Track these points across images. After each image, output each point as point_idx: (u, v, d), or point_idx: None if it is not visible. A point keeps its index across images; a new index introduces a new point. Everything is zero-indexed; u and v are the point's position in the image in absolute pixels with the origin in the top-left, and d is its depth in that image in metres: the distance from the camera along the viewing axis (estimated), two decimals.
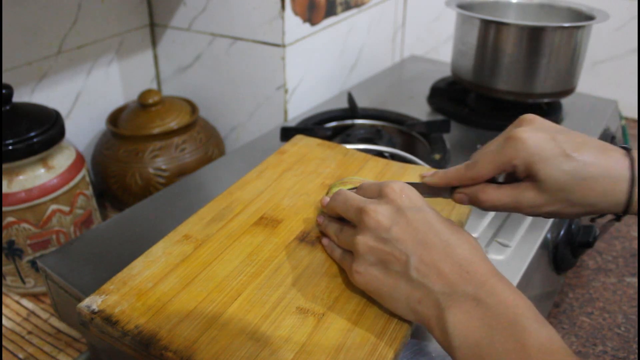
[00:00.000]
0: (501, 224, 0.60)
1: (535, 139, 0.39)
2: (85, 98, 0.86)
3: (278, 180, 0.56)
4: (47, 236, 0.65)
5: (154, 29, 0.93)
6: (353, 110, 0.82)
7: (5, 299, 0.68)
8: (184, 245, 0.46)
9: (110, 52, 0.87)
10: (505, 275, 0.37)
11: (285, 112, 0.86)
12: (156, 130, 0.80)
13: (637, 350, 0.68)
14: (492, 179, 0.42)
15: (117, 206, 0.85)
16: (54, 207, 0.65)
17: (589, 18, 0.80)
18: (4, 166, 0.62)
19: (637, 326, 0.72)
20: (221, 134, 0.94)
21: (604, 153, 0.38)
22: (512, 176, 0.41)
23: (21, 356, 0.60)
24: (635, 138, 1.21)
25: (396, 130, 0.80)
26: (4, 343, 0.62)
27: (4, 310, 0.66)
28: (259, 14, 0.80)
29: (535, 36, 0.76)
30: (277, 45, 0.81)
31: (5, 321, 0.65)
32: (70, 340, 0.62)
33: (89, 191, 0.71)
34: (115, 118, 0.84)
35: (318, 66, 0.91)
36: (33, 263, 0.66)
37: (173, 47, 0.93)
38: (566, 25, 0.76)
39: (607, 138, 0.83)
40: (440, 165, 0.68)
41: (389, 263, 0.38)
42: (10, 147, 0.60)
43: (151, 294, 0.41)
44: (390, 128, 0.80)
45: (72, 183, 0.66)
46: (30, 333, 0.63)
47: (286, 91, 0.85)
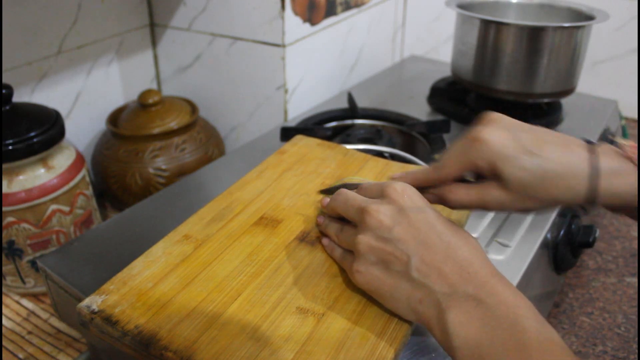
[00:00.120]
0: (501, 224, 0.60)
1: (497, 139, 0.39)
2: (85, 98, 0.86)
3: (278, 180, 0.56)
4: (47, 236, 0.65)
5: (154, 29, 0.93)
6: (353, 110, 0.82)
7: (5, 299, 0.68)
8: (184, 245, 0.46)
9: (110, 52, 0.87)
10: (505, 275, 0.37)
11: (285, 112, 0.86)
12: (156, 130, 0.80)
13: (637, 350, 0.68)
14: (462, 178, 0.43)
15: (117, 206, 0.85)
16: (54, 207, 0.65)
17: (589, 18, 0.80)
18: (4, 166, 0.62)
19: (637, 326, 0.72)
20: (221, 134, 0.94)
21: (566, 148, 0.39)
22: (481, 175, 0.42)
23: (21, 356, 0.60)
24: (635, 138, 1.21)
25: (396, 130, 0.80)
26: (4, 343, 0.62)
27: (4, 310, 0.66)
28: (259, 14, 0.80)
29: (535, 36, 0.76)
30: (277, 45, 0.81)
31: (5, 321, 0.65)
32: (70, 340, 0.62)
33: (89, 191, 0.71)
34: (115, 118, 0.84)
35: (318, 66, 0.91)
36: (33, 263, 0.66)
37: (173, 47, 0.93)
38: (566, 25, 0.76)
39: (607, 138, 0.83)
40: None
41: (390, 263, 0.38)
42: (10, 147, 0.60)
43: (151, 294, 0.41)
44: (390, 128, 0.80)
45: (72, 183, 0.66)
46: (30, 333, 0.63)
47: (286, 91, 0.85)
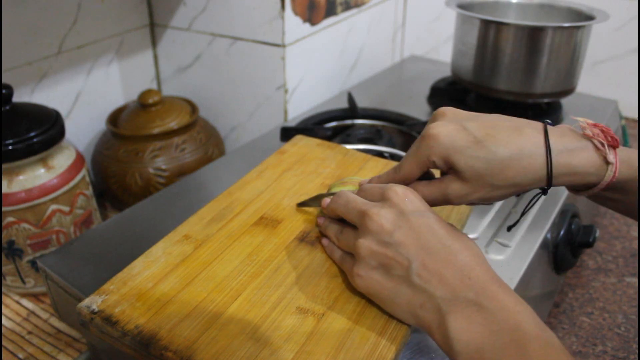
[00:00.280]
0: (501, 224, 0.60)
1: (445, 132, 0.40)
2: (85, 98, 0.86)
3: (278, 180, 0.56)
4: (47, 236, 0.65)
5: (154, 29, 0.93)
6: (353, 110, 0.82)
7: (5, 299, 0.68)
8: (184, 245, 0.46)
9: (110, 52, 0.87)
10: (505, 275, 0.37)
11: (285, 112, 0.86)
12: (156, 130, 0.80)
13: (637, 350, 0.68)
14: (427, 176, 0.43)
15: (117, 206, 0.85)
16: (54, 207, 0.65)
17: (589, 18, 0.80)
18: (4, 166, 0.62)
19: (637, 326, 0.72)
20: (221, 134, 0.94)
21: (517, 132, 0.39)
22: (441, 170, 0.42)
23: (21, 356, 0.60)
24: (635, 138, 1.21)
25: (396, 130, 0.80)
26: (4, 343, 0.62)
27: (4, 310, 0.66)
28: (259, 14, 0.80)
29: (535, 36, 0.76)
30: (277, 45, 0.81)
31: (5, 321, 0.65)
32: (70, 340, 0.62)
33: (89, 191, 0.71)
34: (115, 118, 0.84)
35: (318, 66, 0.91)
36: (33, 263, 0.66)
37: (173, 47, 0.93)
38: (566, 25, 0.76)
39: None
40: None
41: (391, 267, 0.38)
42: (10, 147, 0.60)
43: (151, 294, 0.41)
44: (390, 128, 0.80)
45: (72, 183, 0.66)
46: (30, 333, 0.63)
47: (286, 91, 0.85)
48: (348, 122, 0.81)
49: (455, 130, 0.40)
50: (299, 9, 0.81)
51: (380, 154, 0.67)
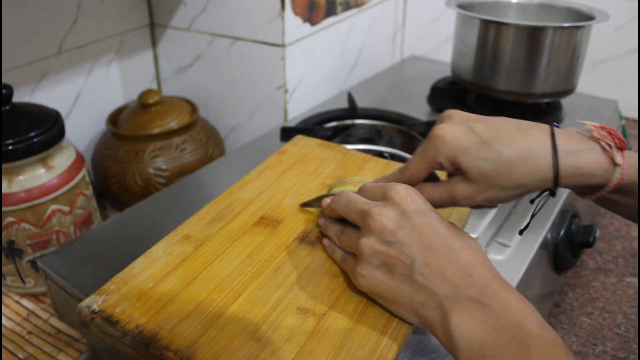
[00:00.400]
0: (501, 224, 0.60)
1: (452, 134, 0.40)
2: (85, 98, 0.86)
3: (278, 180, 0.56)
4: (47, 236, 0.65)
5: (154, 29, 0.93)
6: (353, 110, 0.82)
7: (5, 299, 0.68)
8: (184, 245, 0.46)
9: (110, 52, 0.87)
10: (505, 275, 0.37)
11: (285, 112, 0.86)
12: (156, 130, 0.80)
13: (637, 350, 0.68)
14: (433, 177, 0.43)
15: (117, 206, 0.85)
16: (54, 207, 0.65)
17: (589, 18, 0.81)
18: (4, 166, 0.62)
19: (637, 326, 0.72)
20: (221, 134, 0.94)
21: (523, 133, 0.39)
22: (448, 171, 0.42)
23: (21, 356, 0.60)
24: (635, 138, 1.21)
25: (396, 130, 0.79)
26: (4, 343, 0.62)
27: (4, 310, 0.66)
28: (259, 14, 0.80)
29: (535, 36, 0.76)
30: (277, 45, 0.81)
31: (5, 321, 0.65)
32: (70, 340, 0.62)
33: (89, 191, 0.71)
34: (115, 118, 0.84)
35: (318, 66, 0.91)
36: (33, 263, 0.66)
37: (173, 47, 0.93)
38: (566, 25, 0.76)
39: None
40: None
41: (394, 267, 0.38)
42: (10, 147, 0.60)
43: (151, 294, 0.41)
44: (390, 128, 0.80)
45: (72, 183, 0.66)
46: (30, 333, 0.63)
47: (286, 91, 0.85)
48: (348, 122, 0.81)
49: (461, 131, 0.40)
50: (299, 9, 0.81)
51: (380, 154, 0.67)
